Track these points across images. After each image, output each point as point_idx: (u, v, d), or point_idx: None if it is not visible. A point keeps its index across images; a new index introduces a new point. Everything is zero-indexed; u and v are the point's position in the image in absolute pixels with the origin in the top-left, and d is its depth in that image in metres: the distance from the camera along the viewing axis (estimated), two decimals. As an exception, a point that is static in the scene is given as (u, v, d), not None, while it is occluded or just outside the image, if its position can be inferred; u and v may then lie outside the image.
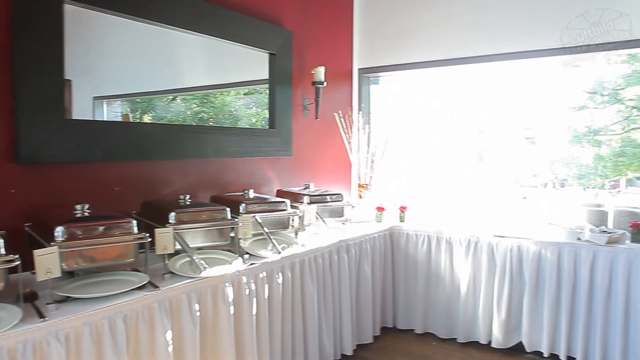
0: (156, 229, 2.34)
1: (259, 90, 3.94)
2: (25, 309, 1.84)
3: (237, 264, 2.61)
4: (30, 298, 1.98)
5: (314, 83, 4.13)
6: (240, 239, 2.77)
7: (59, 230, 2.00)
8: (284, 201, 3.19)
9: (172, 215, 2.50)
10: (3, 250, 1.81)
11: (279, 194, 3.78)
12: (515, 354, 3.67)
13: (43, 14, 2.39)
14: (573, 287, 3.46)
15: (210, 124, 3.54)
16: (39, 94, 2.39)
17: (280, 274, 2.88)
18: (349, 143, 4.57)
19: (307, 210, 3.36)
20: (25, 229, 2.32)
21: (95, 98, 2.83)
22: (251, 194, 3.19)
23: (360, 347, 3.70)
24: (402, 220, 4.19)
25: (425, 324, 4.04)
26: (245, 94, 3.99)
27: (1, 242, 1.82)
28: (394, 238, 4.12)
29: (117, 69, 2.94)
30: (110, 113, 2.95)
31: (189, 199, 2.78)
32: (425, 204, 4.65)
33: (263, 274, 2.75)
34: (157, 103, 3.29)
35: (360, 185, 4.60)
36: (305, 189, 3.75)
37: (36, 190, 2.46)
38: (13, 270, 1.79)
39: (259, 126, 3.87)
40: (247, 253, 2.81)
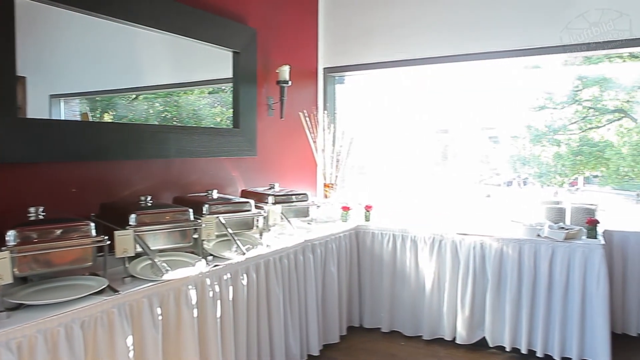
0: (115, 232, 2.27)
1: (223, 89, 3.88)
2: (-26, 318, 1.76)
3: (201, 266, 2.56)
4: (-20, 306, 1.89)
5: (278, 82, 4.10)
6: (203, 240, 2.73)
7: (10, 234, 1.91)
8: (248, 201, 3.15)
9: (133, 217, 2.42)
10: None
11: (244, 194, 3.73)
12: (479, 349, 3.74)
13: (-8, 7, 2.28)
14: (533, 283, 3.54)
15: (174, 123, 3.47)
16: (-12, 91, 2.28)
17: (244, 275, 2.84)
18: (314, 142, 4.56)
19: (272, 210, 3.33)
20: (-25, 233, 2.22)
21: (52, 96, 2.72)
22: (215, 194, 3.14)
23: (326, 347, 3.69)
24: (368, 219, 4.21)
25: (392, 322, 4.07)
26: (209, 92, 3.93)
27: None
28: (360, 237, 4.13)
29: (76, 66, 2.84)
30: (68, 112, 2.85)
31: (151, 200, 2.70)
32: (391, 203, 4.68)
33: (227, 276, 2.71)
34: (118, 102, 3.20)
35: (325, 185, 4.60)
36: (270, 189, 3.71)
37: (-13, 193, 2.35)
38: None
39: (224, 125, 3.81)
40: (211, 255, 2.77)
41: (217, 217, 2.87)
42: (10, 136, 2.36)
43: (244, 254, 2.86)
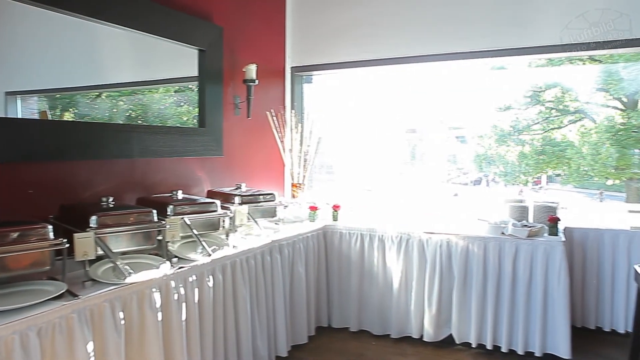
0: (75, 234, 2.20)
1: (190, 87, 3.81)
2: None
3: (165, 268, 2.51)
4: None
5: (245, 81, 4.06)
6: (168, 242, 2.67)
7: (-38, 239, 1.83)
8: (214, 202, 3.11)
9: (94, 218, 2.35)
10: None
11: (210, 194, 3.68)
12: (446, 346, 3.78)
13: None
14: (498, 280, 3.61)
15: (139, 122, 3.39)
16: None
17: (210, 277, 2.80)
18: (282, 142, 4.53)
19: (239, 210, 3.29)
20: None
21: (8, 93, 2.62)
22: (180, 195, 3.09)
23: (295, 348, 3.67)
24: (336, 219, 4.21)
25: (360, 321, 4.08)
26: (175, 91, 3.86)
27: None
28: (328, 237, 4.13)
29: (33, 63, 2.75)
30: (26, 110, 2.75)
31: (113, 201, 2.64)
32: (359, 202, 4.70)
33: (193, 278, 2.66)
34: (80, 100, 3.11)
35: (293, 185, 4.58)
36: (236, 189, 3.67)
37: (-63, 195, 2.24)
38: None
39: (191, 125, 3.75)
40: (176, 256, 2.72)
41: (182, 218, 2.82)
42: (-38, 135, 2.26)
43: (209, 255, 2.82)
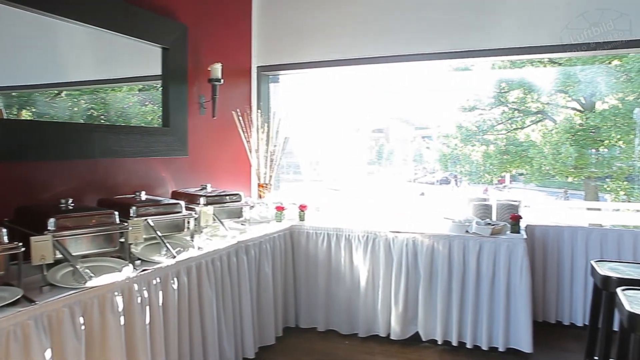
0: (32, 237, 2.13)
1: (155, 86, 3.74)
2: None
3: (127, 271, 2.45)
4: None
5: (210, 80, 4.01)
6: (130, 244, 2.61)
7: None
8: (178, 203, 3.05)
9: (52, 221, 2.28)
10: None
11: (174, 195, 3.61)
12: (413, 344, 3.82)
13: None
14: (462, 277, 3.67)
15: (102, 121, 3.30)
16: None
17: (175, 279, 2.75)
18: (248, 142, 4.49)
19: (204, 211, 3.25)
20: None
21: (-42, 91, 2.52)
22: (143, 196, 3.02)
23: (262, 349, 3.65)
24: (302, 219, 4.20)
25: (327, 321, 4.08)
26: (140, 90, 3.78)
27: None
28: (294, 237, 4.12)
29: (-14, 60, 2.65)
30: (-21, 108, 2.65)
31: (72, 203, 2.55)
32: (326, 202, 4.70)
33: (157, 280, 2.61)
34: (38, 98, 3.01)
35: (260, 185, 4.55)
36: (202, 189, 3.62)
37: None
38: None
39: (156, 124, 3.68)
40: (139, 259, 2.66)
41: (146, 220, 2.77)
42: None
43: (174, 257, 2.77)
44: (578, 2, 3.82)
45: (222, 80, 4.03)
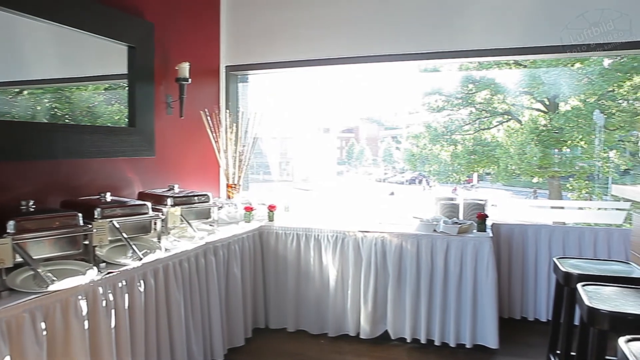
0: (-10, 241, 2.06)
1: (122, 85, 3.66)
2: None
3: (92, 274, 2.40)
4: None
5: (178, 79, 3.95)
6: (95, 246, 2.56)
7: None
8: (145, 204, 3.01)
9: (11, 223, 2.21)
10: None
11: (141, 196, 3.55)
12: (382, 342, 3.85)
13: None
14: (431, 276, 3.72)
15: (66, 121, 3.22)
16: None
17: (142, 281, 2.70)
18: (217, 142, 4.45)
19: (171, 212, 3.20)
20: None
21: None
22: (108, 197, 2.96)
23: (231, 351, 3.62)
24: (272, 219, 4.19)
25: (297, 321, 4.08)
26: (106, 89, 3.69)
27: None
28: (264, 237, 4.10)
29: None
30: None
31: (34, 204, 2.48)
32: (296, 202, 4.69)
33: (122, 283, 2.56)
34: (-1, 96, 2.91)
35: (229, 186, 4.51)
36: (169, 190, 3.57)
37: None
38: None
39: (122, 124, 3.60)
40: (104, 261, 2.60)
41: (111, 221, 2.71)
42: None
43: (140, 259, 2.72)
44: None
45: (190, 80, 3.98)
